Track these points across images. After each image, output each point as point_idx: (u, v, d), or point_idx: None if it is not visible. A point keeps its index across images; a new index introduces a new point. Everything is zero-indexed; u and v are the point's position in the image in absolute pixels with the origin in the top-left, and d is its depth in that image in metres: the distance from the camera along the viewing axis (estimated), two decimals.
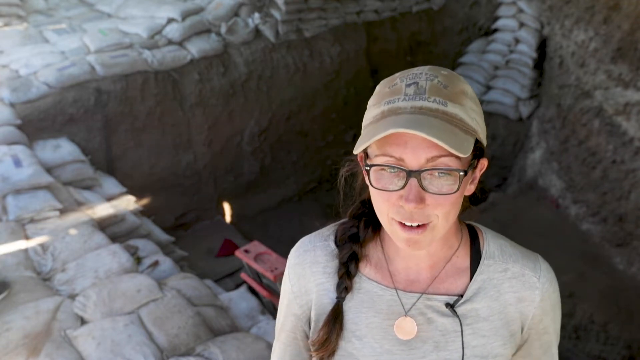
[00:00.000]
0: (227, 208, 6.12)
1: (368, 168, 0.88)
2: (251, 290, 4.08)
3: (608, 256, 5.10)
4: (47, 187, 4.05)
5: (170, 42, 5.67)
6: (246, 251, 4.15)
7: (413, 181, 0.85)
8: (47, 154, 4.52)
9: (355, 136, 6.91)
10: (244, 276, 4.34)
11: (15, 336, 2.88)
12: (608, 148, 5.11)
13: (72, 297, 3.21)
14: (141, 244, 4.01)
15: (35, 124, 4.74)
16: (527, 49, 6.61)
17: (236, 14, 6.11)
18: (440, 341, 0.99)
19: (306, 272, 1.04)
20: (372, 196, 0.92)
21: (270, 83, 6.12)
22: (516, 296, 0.99)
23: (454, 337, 0.99)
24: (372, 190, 0.90)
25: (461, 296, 0.99)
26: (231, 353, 2.90)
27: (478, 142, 0.90)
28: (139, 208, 4.71)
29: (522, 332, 1.02)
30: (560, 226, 5.49)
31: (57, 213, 3.89)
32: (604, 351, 4.55)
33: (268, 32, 6.08)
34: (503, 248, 1.02)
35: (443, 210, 0.87)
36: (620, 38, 4.95)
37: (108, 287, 3.24)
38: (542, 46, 6.51)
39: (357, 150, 0.87)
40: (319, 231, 1.08)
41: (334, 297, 1.02)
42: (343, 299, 1.01)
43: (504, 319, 1.00)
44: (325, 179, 6.85)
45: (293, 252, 1.07)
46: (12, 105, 4.75)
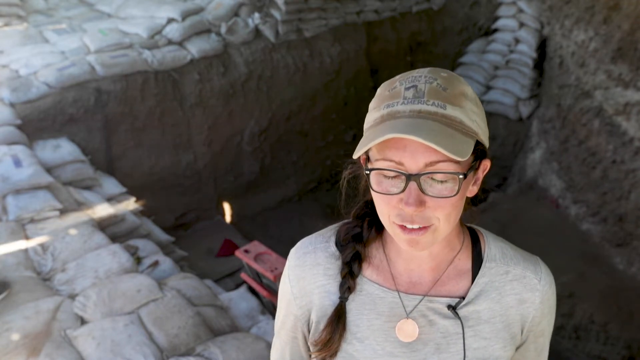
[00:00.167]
0: (227, 208, 6.12)
1: (368, 172, 0.89)
2: (251, 290, 4.08)
3: (608, 256, 5.10)
4: (47, 187, 4.05)
5: (170, 42, 5.67)
6: (246, 251, 4.15)
7: (413, 185, 0.85)
8: (47, 154, 4.52)
9: (355, 136, 6.92)
10: (244, 276, 4.34)
11: (15, 336, 2.88)
12: (608, 148, 5.11)
13: (72, 297, 3.21)
14: (141, 244, 4.01)
15: (35, 124, 4.74)
16: (527, 49, 6.61)
17: (236, 14, 6.11)
18: (441, 343, 0.99)
19: (306, 274, 1.04)
20: (374, 199, 0.92)
21: (270, 83, 6.12)
22: (517, 298, 1.00)
23: (456, 340, 0.99)
24: (373, 193, 0.91)
25: (463, 298, 0.99)
26: (231, 353, 2.90)
27: (479, 144, 0.90)
28: (139, 208, 4.71)
29: (522, 334, 1.02)
30: (560, 226, 5.49)
31: (57, 213, 3.89)
32: (604, 351, 4.55)
33: (268, 32, 6.08)
34: (504, 251, 1.03)
35: (444, 212, 0.87)
36: (620, 38, 4.95)
37: (108, 287, 3.24)
38: (542, 46, 6.52)
39: (357, 154, 0.87)
40: (319, 232, 1.08)
41: (336, 299, 1.01)
42: (346, 299, 1.01)
43: (505, 321, 1.00)
44: (325, 179, 6.86)
45: (293, 254, 1.07)
46: (12, 105, 4.75)
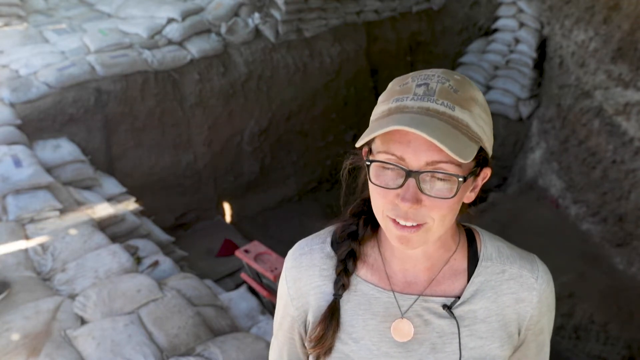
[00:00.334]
0: (227, 208, 6.13)
1: (369, 163, 0.89)
2: (251, 290, 4.08)
3: (608, 256, 5.10)
4: (47, 187, 4.05)
5: (170, 42, 5.67)
6: (246, 251, 4.15)
7: (411, 181, 0.85)
8: (47, 154, 4.52)
9: (355, 136, 6.92)
10: (244, 276, 4.34)
11: (15, 336, 2.88)
12: (608, 148, 5.11)
13: (72, 297, 3.21)
14: (141, 244, 4.01)
15: (35, 124, 4.75)
16: (527, 49, 6.61)
17: (236, 14, 6.11)
18: (437, 343, 0.99)
19: (302, 275, 1.04)
20: (371, 192, 0.92)
21: (270, 83, 6.12)
22: (514, 297, 1.00)
23: (451, 339, 0.99)
24: (371, 185, 0.90)
25: (458, 298, 0.99)
26: (231, 353, 2.91)
27: (483, 151, 0.90)
28: (139, 208, 4.72)
29: (520, 334, 1.02)
30: (560, 226, 5.49)
31: (57, 213, 3.89)
32: (604, 351, 4.55)
33: (268, 32, 6.08)
34: (500, 250, 1.02)
35: (439, 213, 0.87)
36: (620, 38, 4.95)
37: (108, 287, 3.24)
38: (542, 46, 6.51)
39: (359, 143, 0.87)
40: (316, 234, 1.08)
41: (331, 299, 1.02)
42: (340, 296, 1.01)
43: (502, 321, 1.00)
44: (325, 179, 6.86)
45: (290, 255, 1.08)
46: (12, 105, 4.75)
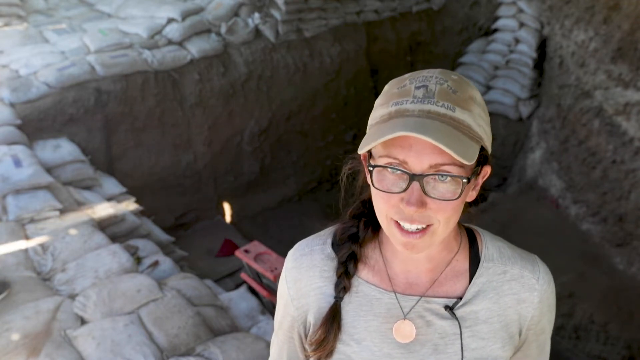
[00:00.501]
0: (227, 208, 6.12)
1: (371, 168, 0.88)
2: (251, 290, 4.08)
3: (608, 256, 5.10)
4: (47, 187, 4.05)
5: (170, 42, 5.67)
6: (246, 251, 4.15)
7: (415, 185, 0.85)
8: (47, 154, 4.52)
9: (355, 136, 6.92)
10: (244, 276, 4.34)
11: (15, 336, 2.88)
12: (608, 148, 5.11)
13: (72, 297, 3.21)
14: (141, 244, 4.01)
15: (35, 124, 4.74)
16: (527, 49, 6.61)
17: (236, 14, 6.11)
18: (439, 344, 0.99)
19: (303, 276, 1.04)
20: (373, 196, 0.92)
21: (270, 83, 6.12)
22: (515, 298, 1.00)
23: (453, 340, 0.99)
24: (373, 190, 0.90)
25: (460, 299, 0.99)
26: (231, 353, 2.90)
27: (483, 150, 0.90)
28: (139, 208, 4.71)
29: (521, 334, 1.02)
30: (560, 226, 5.49)
31: (57, 213, 3.89)
32: (604, 351, 4.55)
33: (268, 32, 6.08)
34: (501, 250, 1.03)
35: (444, 215, 0.87)
36: (620, 38, 4.95)
37: (108, 287, 3.24)
38: (542, 46, 6.51)
39: (363, 149, 0.87)
40: (317, 234, 1.08)
41: (332, 300, 1.01)
42: (341, 299, 1.01)
43: (503, 321, 1.00)
44: (325, 179, 6.85)
45: (290, 256, 1.07)
46: (12, 105, 4.75)
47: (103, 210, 4.15)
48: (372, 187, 0.89)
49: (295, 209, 6.42)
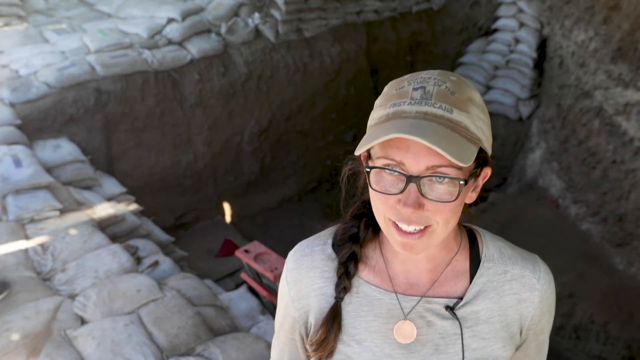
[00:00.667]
0: (227, 208, 6.13)
1: (369, 169, 0.88)
2: (251, 290, 4.08)
3: (608, 256, 5.10)
4: (47, 187, 4.05)
5: (170, 42, 5.67)
6: (246, 251, 4.15)
7: (412, 186, 0.85)
8: (47, 154, 4.52)
9: (355, 136, 6.92)
10: (244, 276, 4.34)
11: (15, 336, 2.88)
12: (608, 148, 5.11)
13: (72, 297, 3.21)
14: (141, 244, 4.01)
15: (35, 124, 4.74)
16: (527, 49, 6.61)
17: (236, 14, 6.11)
18: (440, 344, 0.99)
19: (303, 277, 1.04)
20: (371, 197, 0.92)
21: (270, 83, 6.12)
22: (516, 298, 1.00)
23: (454, 340, 0.99)
24: (371, 191, 0.90)
25: (461, 299, 0.99)
26: (231, 353, 2.90)
27: (482, 151, 0.90)
28: (139, 208, 4.71)
29: (521, 334, 1.02)
30: (560, 226, 5.49)
31: (57, 213, 3.89)
32: (604, 351, 4.55)
33: (268, 32, 6.08)
34: (502, 250, 1.02)
35: (442, 216, 0.87)
36: (620, 38, 4.95)
37: (108, 287, 3.24)
38: (542, 46, 6.52)
39: (359, 151, 0.87)
40: (317, 235, 1.08)
41: (333, 301, 1.01)
42: (342, 299, 1.01)
43: (504, 321, 1.00)
44: (325, 179, 6.86)
45: (290, 256, 1.07)
46: (12, 105, 4.75)
47: (103, 210, 4.15)
48: (370, 188, 0.90)
49: (295, 209, 6.42)
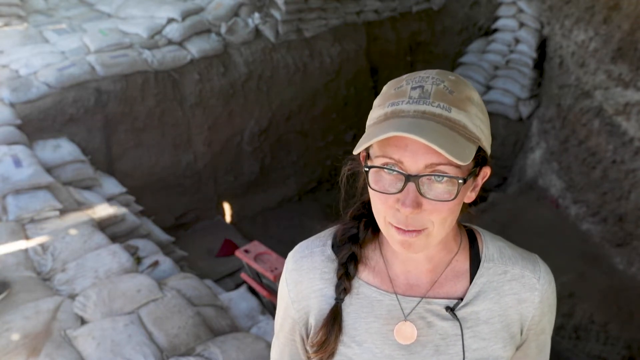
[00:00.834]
0: (227, 208, 6.13)
1: (367, 169, 0.88)
2: (251, 290, 4.08)
3: (608, 256, 5.10)
4: (47, 187, 4.05)
5: (170, 42, 5.67)
6: (246, 251, 4.15)
7: (411, 186, 0.85)
8: (47, 154, 4.52)
9: (355, 136, 6.92)
10: (244, 276, 4.34)
11: (15, 336, 2.88)
12: (608, 148, 5.11)
13: (72, 297, 3.21)
14: (141, 244, 4.01)
15: (35, 124, 4.74)
16: (527, 49, 6.62)
17: (236, 14, 6.11)
18: (440, 345, 0.99)
19: (303, 279, 1.04)
20: (371, 197, 0.92)
21: (270, 83, 6.12)
22: (516, 298, 1.00)
23: (455, 341, 0.99)
24: (371, 191, 0.90)
25: (461, 299, 0.99)
26: (231, 353, 2.90)
27: (481, 150, 0.90)
28: (139, 208, 4.72)
29: (522, 334, 1.02)
30: (560, 226, 5.49)
31: (57, 213, 3.89)
32: (604, 351, 4.55)
33: (268, 32, 6.08)
34: (502, 250, 1.02)
35: (440, 216, 0.87)
36: (620, 38, 4.95)
37: (108, 287, 3.24)
38: (542, 46, 6.52)
39: (357, 150, 0.87)
40: (316, 236, 1.08)
41: (333, 302, 1.01)
42: (342, 300, 1.01)
43: (504, 322, 1.00)
44: (325, 179, 6.86)
45: (290, 258, 1.07)
46: (12, 105, 4.75)
47: (103, 210, 4.15)
48: (369, 188, 0.90)
49: (295, 209, 6.43)
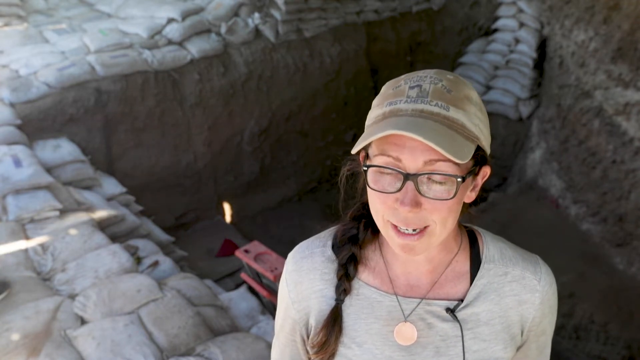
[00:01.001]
0: (227, 208, 6.13)
1: (366, 168, 0.88)
2: (251, 290, 4.08)
3: (608, 256, 5.09)
4: (47, 187, 4.05)
5: (170, 42, 5.67)
6: (246, 251, 4.15)
7: (410, 185, 0.85)
8: (47, 154, 4.52)
9: (355, 136, 6.92)
10: (244, 276, 4.34)
11: (15, 336, 2.88)
12: (608, 148, 5.11)
13: (72, 297, 3.21)
14: (141, 244, 4.01)
15: (35, 124, 4.74)
16: (527, 49, 6.61)
17: (236, 14, 6.11)
18: (440, 346, 0.99)
19: (304, 279, 1.03)
20: (369, 197, 0.92)
21: (270, 83, 6.12)
22: (517, 299, 0.99)
23: (455, 342, 0.98)
24: (369, 191, 0.90)
25: (461, 301, 0.99)
26: (231, 353, 2.90)
27: (480, 150, 0.90)
28: (139, 208, 4.72)
29: (522, 335, 1.02)
30: (560, 226, 5.49)
31: (57, 213, 3.89)
32: (604, 351, 4.55)
33: (268, 32, 6.08)
34: (503, 251, 1.02)
35: (440, 215, 0.87)
36: (620, 38, 4.95)
37: (108, 287, 3.24)
38: (542, 46, 6.52)
39: (356, 149, 0.87)
40: (317, 236, 1.08)
41: (333, 303, 1.01)
42: (342, 301, 1.01)
43: (505, 323, 0.99)
44: (325, 179, 6.85)
45: (290, 258, 1.07)
46: (12, 105, 4.75)
47: (103, 210, 4.15)
48: (368, 188, 0.89)
49: (295, 209, 6.42)
